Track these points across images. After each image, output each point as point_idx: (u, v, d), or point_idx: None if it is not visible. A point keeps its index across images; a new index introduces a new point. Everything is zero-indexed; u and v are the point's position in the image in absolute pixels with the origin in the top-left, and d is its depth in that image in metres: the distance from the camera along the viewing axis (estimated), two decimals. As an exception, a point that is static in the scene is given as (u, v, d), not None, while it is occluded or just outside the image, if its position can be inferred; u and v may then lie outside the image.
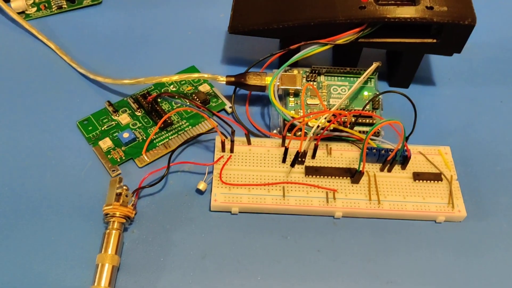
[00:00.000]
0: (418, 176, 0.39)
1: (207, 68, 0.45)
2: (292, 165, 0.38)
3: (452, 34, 0.40)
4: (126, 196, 0.35)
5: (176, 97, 0.42)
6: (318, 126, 0.38)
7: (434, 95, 0.46)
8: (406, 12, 0.40)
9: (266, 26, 0.42)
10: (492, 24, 0.51)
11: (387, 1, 0.41)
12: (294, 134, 0.39)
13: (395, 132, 0.38)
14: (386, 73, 0.47)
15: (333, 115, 0.38)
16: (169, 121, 0.41)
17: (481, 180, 0.40)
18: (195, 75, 0.41)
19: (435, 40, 0.41)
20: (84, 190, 0.38)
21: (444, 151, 0.41)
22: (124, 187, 0.36)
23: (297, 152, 0.37)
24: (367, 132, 0.40)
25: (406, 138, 0.38)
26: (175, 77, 0.41)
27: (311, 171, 0.38)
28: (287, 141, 0.39)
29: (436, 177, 0.39)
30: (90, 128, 0.41)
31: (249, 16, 0.43)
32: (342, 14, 0.40)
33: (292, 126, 0.39)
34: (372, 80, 0.43)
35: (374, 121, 0.41)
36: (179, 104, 0.42)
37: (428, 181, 0.39)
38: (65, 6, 0.49)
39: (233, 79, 0.42)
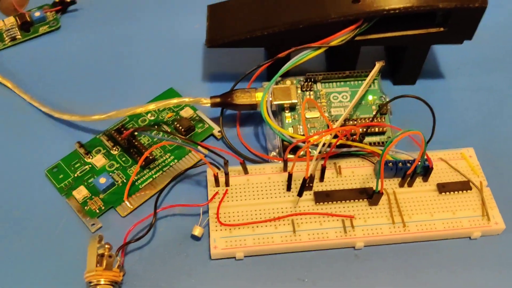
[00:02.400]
0: (443, 188, 0.34)
1: (187, 88, 0.40)
2: (300, 194, 0.32)
3: (461, 20, 0.35)
4: (110, 257, 0.30)
5: (154, 131, 0.37)
6: (323, 144, 0.32)
7: (444, 90, 0.41)
8: (407, 0, 0.35)
9: (249, 35, 0.36)
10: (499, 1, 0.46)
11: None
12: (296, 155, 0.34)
13: (409, 138, 0.34)
14: (387, 70, 0.41)
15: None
16: (150, 157, 0.35)
17: (515, 182, 0.35)
18: (174, 100, 0.36)
19: (442, 29, 0.36)
20: (60, 253, 0.32)
21: (467, 153, 0.35)
22: (107, 246, 0.31)
23: (304, 179, 0.32)
24: (378, 143, 0.35)
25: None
26: (151, 106, 0.36)
27: (321, 197, 0.33)
28: (290, 165, 0.33)
29: (464, 186, 0.34)
30: (61, 176, 0.35)
31: (228, 26, 0.37)
32: (333, 11, 0.35)
33: (295, 147, 0.34)
34: (376, 81, 0.38)
35: (385, 129, 0.36)
36: (160, 135, 0.37)
37: (456, 192, 0.34)
38: (20, 36, 0.43)
39: (218, 100, 0.36)
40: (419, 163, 0.32)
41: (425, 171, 0.34)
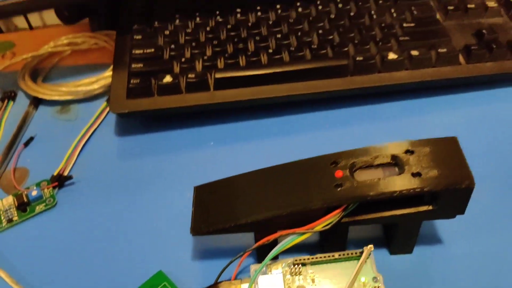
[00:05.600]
0: None
1: (177, 270, 0.39)
2: None
3: (450, 198, 0.34)
4: None
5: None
6: None
7: (444, 258, 0.38)
8: (391, 185, 0.34)
9: (233, 223, 0.36)
10: (491, 148, 0.45)
11: (366, 166, 0.36)
12: None
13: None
14: (383, 240, 0.40)
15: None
16: None
17: None
18: (158, 301, 0.35)
19: (431, 207, 0.35)
20: None
21: None
22: None
23: None
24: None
25: None
26: (135, 306, 0.35)
27: None
28: None
29: None
30: None
31: (213, 214, 0.37)
32: (316, 197, 0.35)
33: None
34: (368, 260, 0.36)
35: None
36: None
37: None
38: (16, 218, 0.44)
39: (202, 295, 0.35)
40: None
41: None
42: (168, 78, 0.48)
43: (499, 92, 0.50)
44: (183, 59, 0.50)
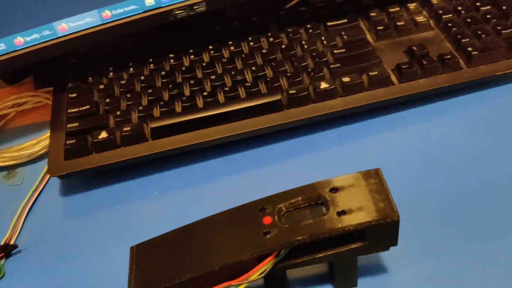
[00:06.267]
0: None
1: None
2: None
3: (377, 233, 0.34)
4: None
5: None
6: None
7: (388, 287, 0.38)
8: (318, 227, 0.34)
9: (168, 283, 0.35)
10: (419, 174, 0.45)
11: (294, 208, 0.36)
12: None
13: None
14: (328, 275, 0.40)
15: None
16: None
17: None
18: None
19: (362, 243, 0.35)
20: None
21: None
22: None
23: None
24: None
25: None
26: None
27: None
28: None
29: None
30: None
31: (148, 275, 0.37)
32: (246, 248, 0.34)
33: None
34: (309, 302, 0.36)
35: None
36: None
37: None
38: (-38, 295, 0.44)
39: None
40: None
41: None
42: (103, 134, 0.48)
43: (435, 107, 0.50)
44: (118, 112, 0.50)
